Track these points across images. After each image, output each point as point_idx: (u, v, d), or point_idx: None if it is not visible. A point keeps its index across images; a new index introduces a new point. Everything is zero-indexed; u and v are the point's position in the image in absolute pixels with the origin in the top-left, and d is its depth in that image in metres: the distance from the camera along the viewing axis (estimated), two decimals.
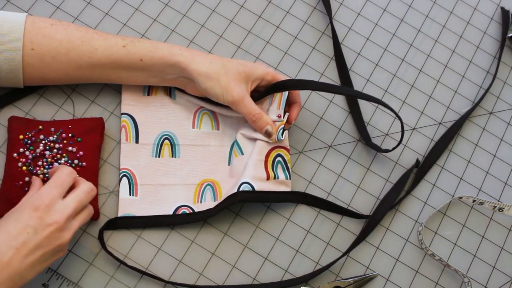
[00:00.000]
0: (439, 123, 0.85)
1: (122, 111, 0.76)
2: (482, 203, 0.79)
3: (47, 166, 0.70)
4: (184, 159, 0.76)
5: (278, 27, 0.85)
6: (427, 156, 0.82)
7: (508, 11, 0.92)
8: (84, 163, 0.71)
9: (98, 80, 0.73)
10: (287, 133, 0.76)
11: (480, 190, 0.82)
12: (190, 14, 0.84)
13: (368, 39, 0.87)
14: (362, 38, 0.87)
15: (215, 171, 0.76)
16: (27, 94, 0.75)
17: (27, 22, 0.69)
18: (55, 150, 0.71)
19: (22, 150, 0.70)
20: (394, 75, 0.86)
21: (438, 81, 0.87)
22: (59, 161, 0.70)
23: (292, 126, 0.80)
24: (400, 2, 0.90)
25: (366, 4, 0.89)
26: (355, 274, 0.75)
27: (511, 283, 0.79)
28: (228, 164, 0.76)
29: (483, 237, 0.80)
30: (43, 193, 0.61)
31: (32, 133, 0.71)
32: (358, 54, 0.86)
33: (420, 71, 0.87)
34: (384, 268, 0.76)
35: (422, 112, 0.85)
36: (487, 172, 0.83)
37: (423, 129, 0.84)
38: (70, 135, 0.72)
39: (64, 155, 0.71)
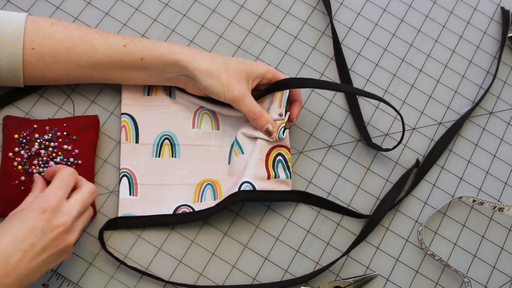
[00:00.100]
0: (439, 123, 0.85)
1: (122, 111, 0.76)
2: (482, 203, 0.79)
3: (42, 165, 0.70)
4: (184, 159, 0.76)
5: (278, 27, 0.85)
6: (427, 156, 0.82)
7: (508, 11, 0.92)
8: (79, 161, 0.71)
9: (98, 79, 0.73)
10: (288, 132, 0.76)
11: (480, 190, 0.82)
12: (190, 14, 0.84)
13: (368, 39, 0.87)
14: (362, 38, 0.87)
15: (215, 171, 0.76)
16: (27, 94, 0.75)
17: (28, 21, 0.69)
18: (50, 149, 0.71)
19: (17, 149, 0.70)
20: (394, 75, 0.86)
21: (438, 81, 0.87)
22: (55, 159, 0.70)
23: (292, 126, 0.80)
24: (400, 2, 0.90)
25: (366, 4, 0.89)
26: (355, 274, 0.75)
27: (511, 283, 0.79)
28: (228, 164, 0.76)
29: (483, 237, 0.80)
30: (49, 194, 0.60)
31: (27, 132, 0.71)
32: (358, 54, 0.86)
33: (420, 71, 0.87)
34: (384, 268, 0.76)
35: (422, 112, 0.85)
36: (487, 172, 0.83)
37: (423, 129, 0.84)
38: (65, 133, 0.72)
39: (59, 153, 0.71)
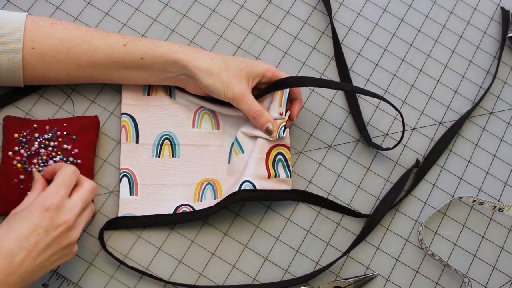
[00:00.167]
0: (439, 123, 0.85)
1: (122, 111, 0.76)
2: (482, 203, 0.79)
3: (42, 164, 0.70)
4: (185, 159, 0.76)
5: (278, 27, 0.85)
6: (427, 156, 0.82)
7: (508, 11, 0.92)
8: (79, 161, 0.71)
9: (98, 79, 0.73)
10: (288, 131, 0.76)
11: (480, 190, 0.82)
12: (190, 14, 0.84)
13: (368, 39, 0.87)
14: (362, 38, 0.87)
15: (216, 171, 0.76)
16: (27, 94, 0.75)
17: (28, 21, 0.69)
18: (50, 148, 0.71)
19: (17, 148, 0.70)
20: (394, 75, 0.86)
21: (438, 81, 0.87)
22: (54, 158, 0.70)
23: (292, 126, 0.80)
24: (400, 2, 0.90)
25: (366, 4, 0.89)
26: (355, 274, 0.75)
27: (511, 283, 0.79)
28: (228, 163, 0.76)
29: (483, 237, 0.80)
30: (52, 193, 0.60)
31: (27, 131, 0.71)
32: (358, 54, 0.86)
33: (420, 71, 0.87)
34: (384, 268, 0.76)
35: (422, 112, 0.85)
36: (487, 172, 0.83)
37: (423, 129, 0.84)
38: (65, 133, 0.72)
39: (59, 152, 0.71)
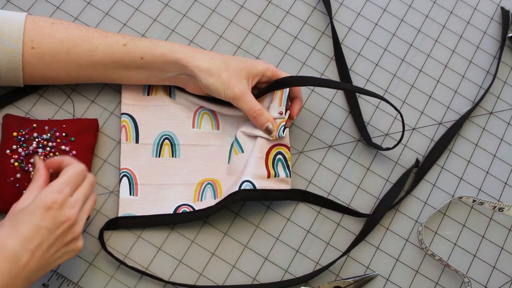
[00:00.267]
0: (439, 123, 0.85)
1: (122, 111, 0.76)
2: (482, 203, 0.79)
3: None
4: (185, 159, 0.76)
5: (278, 27, 0.85)
6: (427, 156, 0.82)
7: (508, 11, 0.92)
8: None
9: (98, 79, 0.73)
10: (287, 130, 0.76)
11: (480, 190, 0.82)
12: (190, 14, 0.84)
13: (368, 39, 0.87)
14: (362, 38, 0.87)
15: (216, 171, 0.76)
16: (27, 94, 0.75)
17: (27, 21, 0.69)
18: (48, 148, 0.71)
19: (15, 147, 0.70)
20: (394, 75, 0.86)
21: (438, 81, 0.87)
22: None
23: (292, 126, 0.80)
24: (400, 2, 0.90)
25: (366, 4, 0.89)
26: (355, 274, 0.75)
27: (511, 283, 0.79)
28: (228, 163, 0.76)
29: (483, 237, 0.80)
30: (55, 191, 0.59)
31: (26, 130, 0.71)
32: (358, 54, 0.86)
33: (420, 71, 0.87)
34: (384, 268, 0.76)
35: (422, 112, 0.85)
36: (487, 172, 0.83)
37: (423, 129, 0.84)
38: (64, 134, 0.72)
39: (57, 153, 0.71)
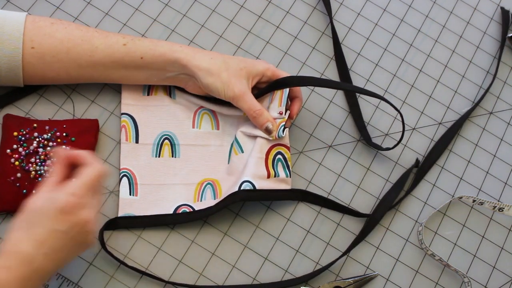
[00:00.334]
0: (439, 123, 0.85)
1: (122, 111, 0.76)
2: (482, 203, 0.79)
3: (39, 163, 0.70)
4: (184, 159, 0.76)
5: (278, 27, 0.85)
6: (427, 156, 0.82)
7: (508, 11, 0.92)
8: None
9: (98, 79, 0.73)
10: (287, 130, 0.76)
11: (480, 190, 0.82)
12: (190, 14, 0.84)
13: (368, 39, 0.87)
14: (362, 38, 0.87)
15: (216, 171, 0.76)
16: (27, 94, 0.75)
17: (27, 21, 0.69)
18: (48, 148, 0.71)
19: (15, 146, 0.70)
20: (394, 75, 0.86)
21: (438, 81, 0.87)
22: (52, 159, 0.70)
23: (292, 126, 0.80)
24: (400, 2, 0.90)
25: (366, 4, 0.89)
26: (355, 274, 0.75)
27: (511, 283, 0.79)
28: (228, 163, 0.76)
29: (483, 237, 0.80)
30: (74, 194, 0.58)
31: (27, 130, 0.71)
32: (358, 54, 0.86)
33: (420, 71, 0.87)
34: (384, 268, 0.76)
35: (422, 112, 0.85)
36: (487, 172, 0.83)
37: (423, 129, 0.84)
38: (64, 134, 0.72)
39: None
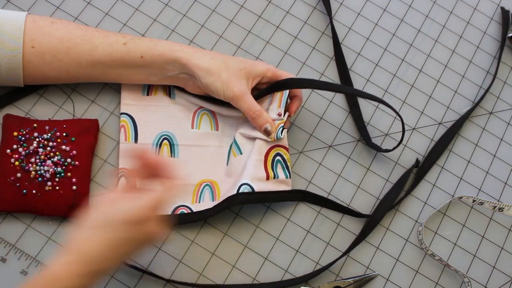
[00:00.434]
0: (439, 123, 0.85)
1: (121, 111, 0.76)
2: (482, 203, 0.79)
3: (40, 163, 0.70)
4: (183, 159, 0.76)
5: (278, 27, 0.85)
6: (427, 156, 0.82)
7: (508, 11, 0.92)
8: (77, 162, 0.71)
9: (98, 78, 0.73)
10: (286, 131, 0.76)
11: (480, 190, 0.82)
12: (190, 14, 0.84)
13: (368, 39, 0.87)
14: (362, 38, 0.87)
15: (214, 172, 0.76)
16: (27, 94, 0.75)
17: (28, 20, 0.69)
18: (48, 148, 0.71)
19: (15, 146, 0.70)
20: (394, 75, 0.86)
21: (438, 81, 0.87)
22: (52, 159, 0.70)
23: (292, 126, 0.80)
24: (400, 2, 0.90)
25: (366, 4, 0.89)
26: (355, 274, 0.75)
27: (511, 283, 0.79)
28: (227, 165, 0.76)
29: (483, 237, 0.80)
30: (141, 207, 0.58)
31: (27, 130, 0.71)
32: (358, 54, 0.86)
33: (420, 71, 0.87)
34: (384, 268, 0.76)
35: (422, 112, 0.85)
36: (487, 172, 0.83)
37: (423, 129, 0.84)
38: (64, 134, 0.72)
39: (57, 153, 0.71)
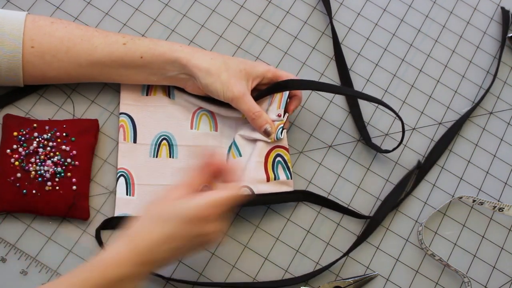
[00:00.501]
0: (439, 123, 0.85)
1: (121, 111, 0.76)
2: (482, 203, 0.79)
3: (39, 163, 0.70)
4: (182, 159, 0.76)
5: (278, 27, 0.85)
6: (428, 156, 0.82)
7: (508, 11, 0.92)
8: (77, 162, 0.71)
9: (98, 78, 0.73)
10: (285, 132, 0.76)
11: (480, 190, 0.82)
12: (190, 14, 0.84)
13: (368, 39, 0.87)
14: (362, 38, 0.87)
15: None
16: (27, 94, 0.75)
17: (27, 20, 0.69)
18: (48, 148, 0.71)
19: (15, 146, 0.70)
20: (394, 75, 0.86)
21: (438, 81, 0.87)
22: (52, 159, 0.70)
23: (292, 126, 0.80)
24: (400, 2, 0.90)
25: (366, 4, 0.89)
26: (355, 274, 0.75)
27: (511, 283, 0.79)
28: None
29: (483, 237, 0.80)
30: (203, 207, 0.59)
31: (27, 130, 0.71)
32: (358, 54, 0.86)
33: (420, 71, 0.87)
34: (384, 268, 0.76)
35: (422, 112, 0.85)
36: (487, 172, 0.83)
37: (423, 129, 0.84)
38: (64, 134, 0.72)
39: (57, 153, 0.71)
